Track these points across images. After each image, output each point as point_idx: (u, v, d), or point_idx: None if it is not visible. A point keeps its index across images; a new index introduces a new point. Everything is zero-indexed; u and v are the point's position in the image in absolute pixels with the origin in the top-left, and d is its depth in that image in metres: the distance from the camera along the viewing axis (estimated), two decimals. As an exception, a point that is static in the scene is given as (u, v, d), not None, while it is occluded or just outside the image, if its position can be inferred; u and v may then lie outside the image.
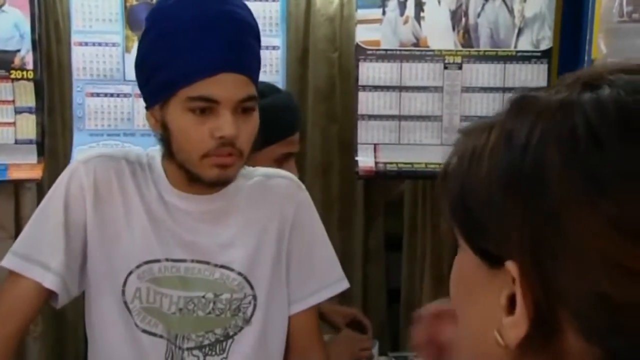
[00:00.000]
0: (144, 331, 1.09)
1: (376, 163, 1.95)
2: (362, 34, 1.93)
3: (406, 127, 1.95)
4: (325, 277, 1.16)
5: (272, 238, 1.13)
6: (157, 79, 1.02)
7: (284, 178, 1.18)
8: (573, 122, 0.40)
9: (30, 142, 1.86)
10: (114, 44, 1.91)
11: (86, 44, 1.90)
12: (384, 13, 1.93)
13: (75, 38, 1.90)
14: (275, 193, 1.15)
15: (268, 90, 1.45)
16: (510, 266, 0.41)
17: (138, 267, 1.08)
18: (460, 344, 0.50)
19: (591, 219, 0.38)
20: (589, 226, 0.38)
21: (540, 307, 0.41)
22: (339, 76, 2.09)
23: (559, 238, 0.39)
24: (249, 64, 1.03)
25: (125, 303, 1.08)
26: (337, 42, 2.08)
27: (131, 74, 1.90)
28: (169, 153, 1.06)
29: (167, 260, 1.08)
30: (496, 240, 0.43)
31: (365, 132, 1.95)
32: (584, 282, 0.39)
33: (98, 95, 1.92)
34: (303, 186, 1.19)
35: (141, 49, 1.06)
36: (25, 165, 1.85)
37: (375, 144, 1.95)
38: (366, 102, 1.94)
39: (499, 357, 0.43)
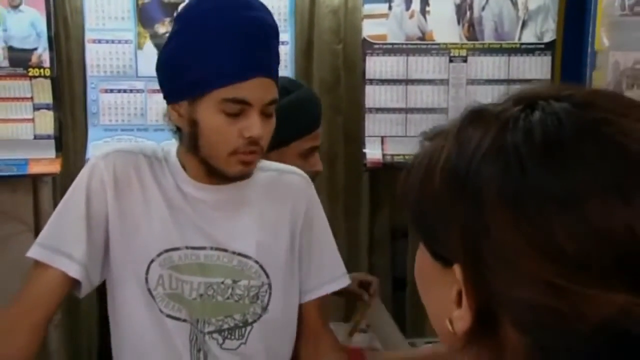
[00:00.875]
0: (169, 316, 1.13)
1: (383, 155, 1.99)
2: (369, 29, 1.98)
3: (412, 119, 1.99)
4: (334, 271, 1.22)
5: (285, 230, 1.18)
6: (188, 77, 1.06)
7: (296, 174, 1.23)
8: (506, 146, 0.45)
9: (48, 137, 1.92)
10: (126, 41, 1.96)
11: (99, 41, 1.96)
12: (390, 8, 1.97)
13: (89, 36, 1.95)
14: (288, 188, 1.20)
15: (292, 85, 1.49)
16: (456, 269, 0.46)
17: (159, 255, 1.13)
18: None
19: (515, 239, 0.43)
20: (514, 246, 0.43)
21: (481, 305, 0.46)
22: (343, 68, 2.13)
23: (491, 253, 0.44)
24: (275, 67, 1.10)
25: (149, 290, 1.13)
26: (341, 33, 2.11)
27: (144, 70, 1.97)
28: (193, 147, 1.11)
29: (186, 248, 1.14)
30: (445, 246, 0.48)
31: (373, 125, 1.99)
32: (515, 292, 0.44)
33: (112, 91, 1.97)
34: (312, 184, 1.24)
35: (170, 47, 1.10)
36: (45, 160, 1.91)
37: (382, 137, 2.00)
38: (373, 96, 1.99)
39: (452, 340, 0.49)
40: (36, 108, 1.89)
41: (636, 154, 0.42)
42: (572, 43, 1.96)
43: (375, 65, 1.98)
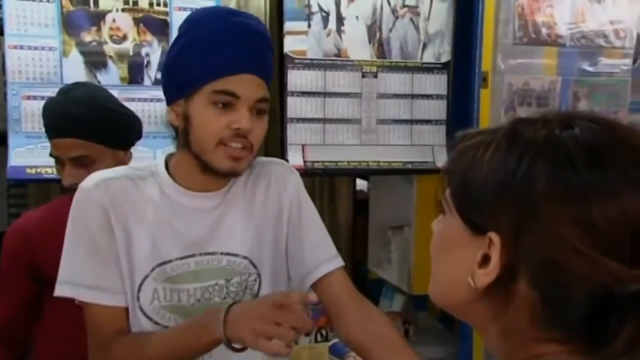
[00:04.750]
0: (166, 327, 1.18)
1: (305, 162, 2.13)
2: (290, 45, 2.11)
3: (330, 129, 2.16)
4: (327, 252, 1.29)
5: (270, 221, 1.26)
6: (186, 75, 1.14)
7: (277, 163, 1.32)
8: (557, 149, 0.61)
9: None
10: (50, 48, 1.93)
11: (21, 47, 1.91)
12: (309, 26, 2.12)
13: (10, 41, 1.90)
14: (270, 177, 1.28)
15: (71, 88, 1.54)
16: (494, 236, 0.62)
17: (152, 270, 1.17)
18: (433, 285, 0.72)
19: (562, 215, 0.58)
20: (559, 219, 0.58)
21: (508, 264, 0.62)
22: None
23: (535, 224, 0.60)
24: (266, 69, 1.18)
25: (141, 308, 1.17)
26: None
27: (69, 77, 1.95)
28: (185, 143, 1.17)
29: (177, 259, 1.18)
30: (485, 217, 0.64)
31: (294, 134, 2.14)
32: (544, 252, 0.60)
33: (35, 98, 1.92)
34: (295, 170, 1.33)
35: (173, 50, 1.18)
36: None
37: (303, 145, 2.14)
38: (294, 107, 2.13)
39: (466, 295, 0.65)
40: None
41: None
42: (463, 64, 2.25)
43: (296, 79, 2.13)
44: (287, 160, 2.11)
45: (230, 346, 1.04)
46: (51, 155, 1.49)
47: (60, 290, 1.15)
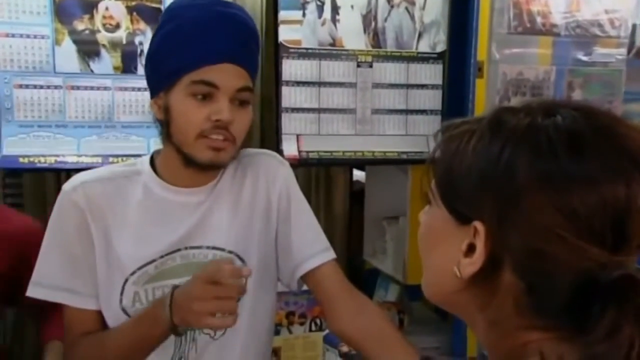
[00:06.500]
0: None
1: (299, 152, 2.12)
2: (285, 34, 2.10)
3: (325, 119, 2.15)
4: (316, 245, 1.27)
5: (259, 213, 1.23)
6: (166, 66, 1.12)
7: (267, 155, 1.30)
8: (539, 137, 0.61)
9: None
10: (42, 37, 1.91)
11: (13, 35, 1.89)
12: (304, 15, 2.10)
13: (1, 29, 1.88)
14: (259, 168, 1.25)
15: None
16: (479, 225, 0.62)
17: (132, 273, 1.15)
18: (425, 276, 0.72)
19: (544, 203, 0.59)
20: (541, 207, 0.59)
21: (492, 253, 0.62)
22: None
23: (517, 212, 0.60)
24: (248, 59, 1.15)
25: (124, 310, 1.16)
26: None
27: (62, 66, 1.93)
28: (167, 136, 1.15)
29: (161, 257, 1.17)
30: (470, 207, 0.64)
31: (289, 124, 2.13)
32: (527, 241, 0.60)
33: (27, 87, 1.91)
34: (286, 162, 1.31)
35: (154, 42, 1.16)
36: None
37: (298, 135, 2.13)
38: (289, 96, 2.11)
39: (453, 285, 0.65)
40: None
41: (633, 152, 0.60)
42: (458, 54, 2.24)
43: (291, 68, 2.11)
44: (281, 150, 2.11)
45: (176, 333, 1.06)
46: None
47: (32, 292, 1.16)
